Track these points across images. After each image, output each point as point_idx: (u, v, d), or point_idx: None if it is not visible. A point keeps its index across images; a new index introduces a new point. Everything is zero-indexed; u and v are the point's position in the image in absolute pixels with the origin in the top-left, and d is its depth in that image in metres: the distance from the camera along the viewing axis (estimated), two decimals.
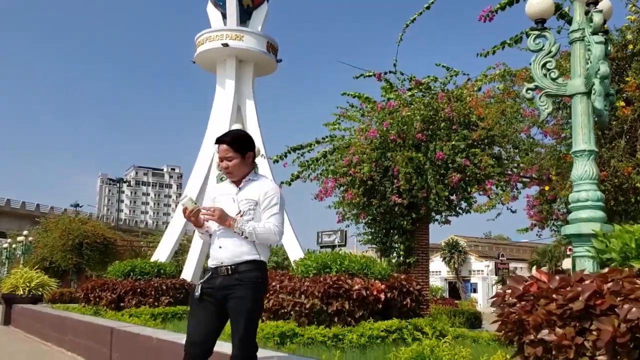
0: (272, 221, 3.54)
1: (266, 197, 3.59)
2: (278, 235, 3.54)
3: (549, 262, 47.99)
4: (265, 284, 3.69)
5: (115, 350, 6.40)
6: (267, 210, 3.57)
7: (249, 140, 3.78)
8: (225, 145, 3.70)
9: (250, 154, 3.72)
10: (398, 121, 10.84)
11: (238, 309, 3.44)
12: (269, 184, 3.72)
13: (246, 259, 3.50)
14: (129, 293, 11.23)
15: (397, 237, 12.00)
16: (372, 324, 7.40)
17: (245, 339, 3.46)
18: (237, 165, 3.68)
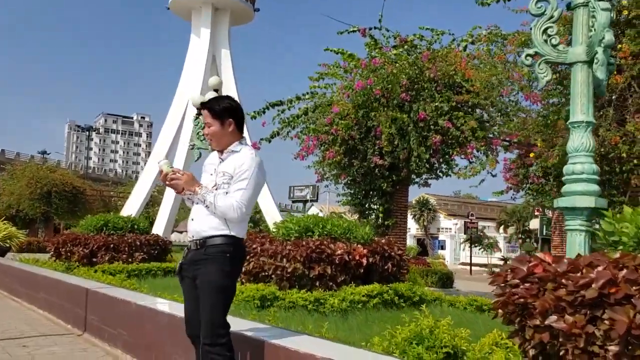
0: (235, 195, 3.20)
1: (239, 171, 3.25)
2: (237, 212, 3.19)
3: (516, 222, 48.90)
4: (237, 260, 3.33)
5: (91, 312, 6.19)
6: (235, 183, 3.24)
7: (230, 106, 3.40)
8: (206, 110, 3.42)
9: (231, 121, 3.35)
10: (383, 78, 10.57)
11: (202, 285, 3.21)
12: (246, 156, 3.31)
13: (213, 233, 3.24)
14: (101, 248, 10.97)
15: (377, 198, 11.89)
16: (354, 288, 7.32)
17: (210, 319, 3.18)
18: (216, 134, 3.37)
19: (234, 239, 3.28)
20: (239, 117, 3.41)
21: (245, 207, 3.23)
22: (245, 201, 3.22)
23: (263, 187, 3.48)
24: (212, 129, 3.38)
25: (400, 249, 8.36)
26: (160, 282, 9.86)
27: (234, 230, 3.28)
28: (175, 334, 4.46)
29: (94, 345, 5.79)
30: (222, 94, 11.72)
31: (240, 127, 3.43)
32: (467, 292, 16.68)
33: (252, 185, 3.26)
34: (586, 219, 5.33)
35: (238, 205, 3.19)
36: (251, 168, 3.25)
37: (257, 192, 3.33)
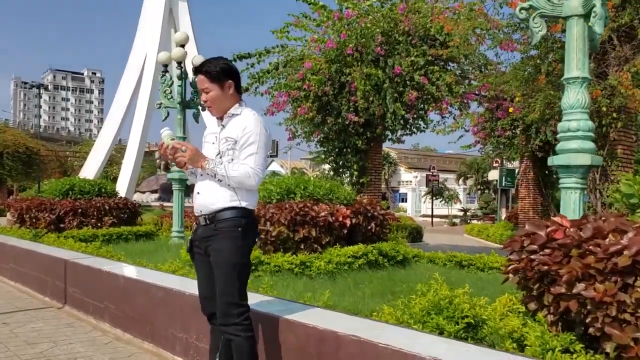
0: (248, 162, 3.00)
1: (244, 134, 3.03)
2: (254, 178, 3.00)
3: (475, 173, 49.70)
4: (250, 234, 3.13)
5: (71, 284, 5.92)
6: (244, 149, 3.03)
7: (228, 67, 3.17)
8: (202, 75, 3.17)
9: (230, 83, 3.12)
10: (357, 33, 10.28)
11: (216, 261, 3.03)
12: (249, 118, 3.10)
13: (223, 205, 3.03)
14: (69, 214, 10.55)
15: (351, 156, 11.74)
16: (339, 250, 7.23)
17: (225, 298, 3.01)
18: (216, 98, 3.14)
19: (246, 211, 3.09)
20: (237, 78, 3.19)
21: (262, 171, 3.05)
22: (260, 165, 3.03)
23: None
24: (211, 93, 3.14)
25: (383, 209, 8.26)
26: (134, 248, 9.59)
27: (245, 202, 3.08)
28: (171, 308, 4.28)
29: (79, 319, 5.54)
30: (186, 50, 11.26)
31: (239, 88, 3.21)
32: (436, 245, 16.93)
33: (263, 147, 3.06)
34: (581, 177, 5.30)
35: (254, 172, 3.00)
36: (257, 130, 3.05)
37: (267, 154, 3.15)
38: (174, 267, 6.02)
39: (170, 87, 10.91)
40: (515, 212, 19.74)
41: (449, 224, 40.27)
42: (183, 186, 10.97)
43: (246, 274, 3.14)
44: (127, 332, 4.86)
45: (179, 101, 10.69)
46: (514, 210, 20.65)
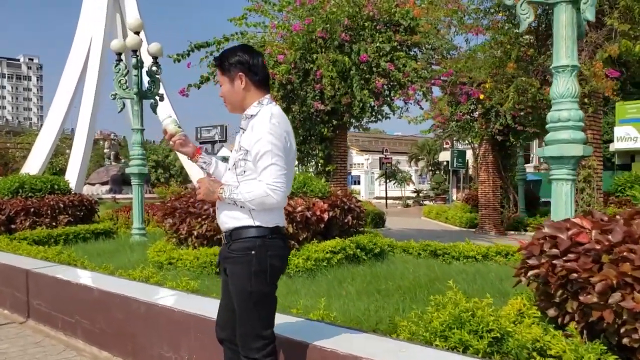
0: (264, 178, 2.56)
1: (256, 142, 2.58)
2: (275, 195, 2.54)
3: (427, 155, 50.33)
4: (268, 257, 2.66)
5: (34, 296, 5.44)
6: (258, 161, 2.59)
7: (241, 58, 2.71)
8: (217, 67, 2.81)
9: (241, 76, 2.69)
10: (322, 19, 9.94)
11: (231, 288, 2.71)
12: (261, 121, 2.63)
13: (235, 225, 2.68)
14: (20, 214, 9.90)
15: (316, 144, 11.46)
16: (317, 245, 7.00)
17: (243, 327, 2.68)
18: (226, 94, 2.76)
19: (262, 230, 2.66)
20: (253, 71, 2.72)
21: (283, 184, 2.57)
22: (280, 177, 2.56)
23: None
24: (222, 88, 2.78)
25: (359, 200, 8.04)
26: (94, 248, 9.11)
27: (260, 219, 2.66)
28: (155, 325, 3.93)
29: (47, 335, 5.09)
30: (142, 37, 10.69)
31: (259, 82, 2.74)
32: (398, 230, 16.95)
33: (280, 155, 2.58)
34: (572, 168, 5.19)
35: (273, 188, 2.54)
36: (269, 135, 2.56)
37: (289, 157, 2.67)
38: (147, 274, 5.63)
39: (125, 77, 10.35)
40: (473, 194, 19.93)
41: (403, 205, 40.64)
42: (142, 180, 10.48)
43: (268, 303, 2.73)
44: (105, 349, 4.48)
45: (135, 92, 10.16)
46: (471, 192, 20.85)
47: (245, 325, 2.67)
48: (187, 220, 7.14)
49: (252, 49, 2.86)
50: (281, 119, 2.68)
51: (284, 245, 2.77)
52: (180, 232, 7.23)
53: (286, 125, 2.70)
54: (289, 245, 2.93)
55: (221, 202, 2.72)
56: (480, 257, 7.99)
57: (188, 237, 7.18)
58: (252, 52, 2.78)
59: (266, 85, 2.80)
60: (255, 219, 2.66)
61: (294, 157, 2.77)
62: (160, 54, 10.65)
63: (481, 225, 15.85)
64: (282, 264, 2.78)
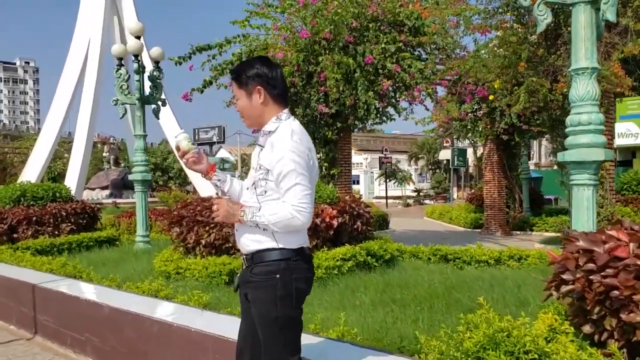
0: (288, 199, 2.42)
1: (277, 161, 2.44)
2: (300, 216, 2.40)
3: (427, 153, 50.19)
4: (294, 280, 2.52)
5: (41, 312, 5.30)
6: (281, 181, 2.45)
7: (259, 71, 2.57)
8: (233, 81, 2.67)
9: (259, 89, 2.55)
10: (327, 20, 9.79)
11: (254, 314, 2.57)
12: (281, 137, 2.49)
13: (257, 248, 2.55)
14: (22, 223, 9.74)
15: (319, 147, 11.31)
16: (327, 253, 6.86)
17: (268, 354, 2.55)
18: (243, 108, 2.63)
19: (285, 252, 2.52)
20: (272, 84, 2.59)
21: (308, 204, 2.43)
22: (305, 198, 2.42)
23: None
24: (239, 103, 2.65)
25: (368, 206, 7.89)
26: (98, 257, 8.95)
27: (284, 242, 2.52)
28: (170, 345, 3.78)
29: (57, 353, 4.93)
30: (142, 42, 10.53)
31: (278, 96, 2.62)
32: (402, 232, 16.81)
33: (303, 173, 2.44)
34: (594, 173, 5.06)
35: (298, 209, 2.40)
36: (290, 152, 2.43)
37: (312, 174, 2.53)
38: (156, 286, 5.48)
39: (126, 82, 10.19)
40: (476, 193, 19.79)
41: (403, 205, 40.48)
42: (146, 187, 10.32)
43: (294, 327, 2.61)
44: None
45: (137, 97, 10.00)
46: (474, 192, 20.70)
47: (271, 352, 2.53)
48: (195, 229, 6.99)
49: (270, 61, 2.71)
50: (302, 135, 2.55)
51: (308, 267, 2.64)
52: (187, 241, 7.08)
53: (308, 141, 2.58)
54: (314, 266, 2.69)
55: (242, 225, 2.58)
56: (493, 261, 7.85)
57: (196, 246, 7.03)
58: (271, 64, 2.65)
59: (285, 99, 2.68)
60: (278, 241, 2.53)
61: (316, 174, 2.64)
62: (162, 58, 10.50)
63: (487, 225, 15.71)
64: (308, 287, 2.64)
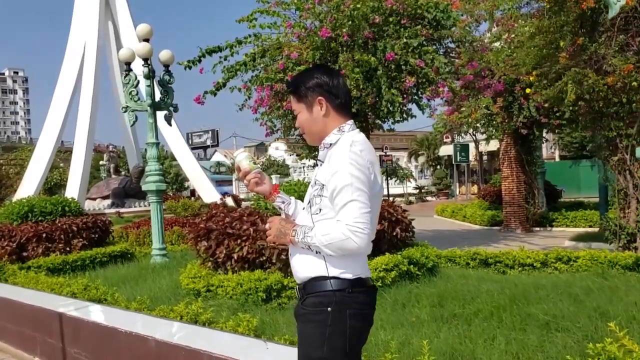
0: (343, 217, 2.09)
1: (333, 175, 2.15)
2: (356, 237, 2.05)
3: (427, 150, 49.69)
4: (348, 316, 2.15)
5: (72, 344, 4.78)
6: (336, 197, 2.14)
7: (320, 81, 2.31)
8: (290, 94, 2.44)
9: (321, 100, 2.29)
10: (347, 16, 9.30)
11: (299, 354, 2.25)
12: (340, 150, 2.21)
13: (308, 275, 2.24)
14: (32, 240, 9.22)
15: None
16: (368, 262, 6.34)
17: None
18: (304, 123, 2.36)
19: (340, 282, 2.17)
20: (334, 93, 2.31)
21: (366, 224, 2.08)
22: (363, 216, 2.08)
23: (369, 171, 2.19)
24: (299, 117, 2.38)
25: (405, 210, 7.42)
26: (115, 274, 8.46)
27: (338, 268, 2.17)
28: None
29: None
30: (147, 45, 10.00)
31: (341, 106, 2.32)
32: (419, 232, 16.32)
33: (361, 189, 2.11)
34: None
35: (353, 229, 2.05)
36: (347, 164, 2.12)
37: (373, 191, 2.19)
38: (194, 309, 4.99)
39: (136, 88, 9.68)
40: (489, 189, 19.36)
41: (405, 202, 39.99)
42: (160, 197, 9.82)
43: None
44: None
45: (149, 103, 9.49)
46: (487, 188, 20.24)
47: None
48: (226, 242, 6.50)
49: (330, 68, 2.46)
50: (364, 146, 2.24)
51: (368, 300, 2.27)
52: (217, 256, 6.58)
53: (370, 154, 2.25)
54: (375, 300, 2.33)
55: (295, 247, 2.30)
56: (539, 264, 7.41)
57: (226, 260, 6.54)
58: (332, 72, 2.39)
59: (348, 109, 2.39)
60: (332, 268, 2.19)
61: (379, 191, 2.29)
62: (172, 61, 10.02)
63: (506, 223, 15.26)
64: (366, 325, 2.28)
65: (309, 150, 11.25)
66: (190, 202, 18.30)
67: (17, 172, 34.45)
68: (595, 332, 4.15)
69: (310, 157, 11.37)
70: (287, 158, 69.75)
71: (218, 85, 10.39)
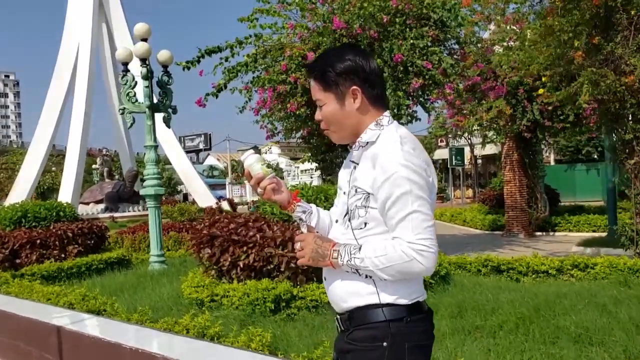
0: (402, 234, 1.71)
1: (382, 181, 1.74)
2: (422, 257, 1.69)
3: None
4: (403, 351, 1.79)
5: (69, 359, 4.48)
6: (389, 209, 1.74)
7: (354, 65, 1.85)
8: (312, 80, 1.93)
9: (355, 90, 1.83)
10: (354, 14, 9.03)
11: None
12: (386, 149, 1.78)
13: (356, 304, 1.84)
14: (25, 246, 8.87)
15: (342, 151, 10.55)
16: None
17: None
18: (332, 117, 1.88)
19: (396, 311, 1.80)
20: (370, 81, 1.86)
21: (432, 240, 1.72)
22: (427, 231, 1.71)
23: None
24: (325, 109, 1.89)
25: None
26: (112, 282, 8.15)
27: (391, 293, 1.80)
28: None
29: None
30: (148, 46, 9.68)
31: (377, 97, 1.89)
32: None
33: (422, 194, 1.73)
34: None
35: (418, 248, 1.68)
36: (402, 167, 1.72)
37: (431, 198, 1.80)
38: (201, 322, 4.70)
39: (133, 89, 9.36)
40: (489, 193, 19.13)
41: None
42: (159, 202, 9.51)
43: None
44: None
45: (147, 105, 9.18)
46: (487, 192, 20.00)
47: None
48: (231, 250, 6.19)
49: (363, 49, 2.00)
50: (415, 143, 1.83)
51: (428, 329, 1.90)
52: (221, 264, 6.27)
53: (423, 152, 1.84)
54: (434, 327, 1.95)
55: (332, 270, 1.87)
56: (554, 271, 7.15)
57: (232, 269, 6.23)
58: (366, 54, 1.91)
59: (385, 99, 1.95)
60: (384, 294, 1.80)
61: (435, 198, 1.86)
62: (171, 61, 9.71)
63: (509, 227, 15.02)
64: (427, 358, 1.89)
65: (312, 153, 10.95)
66: (186, 207, 17.99)
67: (9, 177, 34.02)
68: (634, 347, 3.89)
69: (313, 160, 11.06)
70: (281, 161, 69.48)
71: (219, 87, 10.09)
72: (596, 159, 32.35)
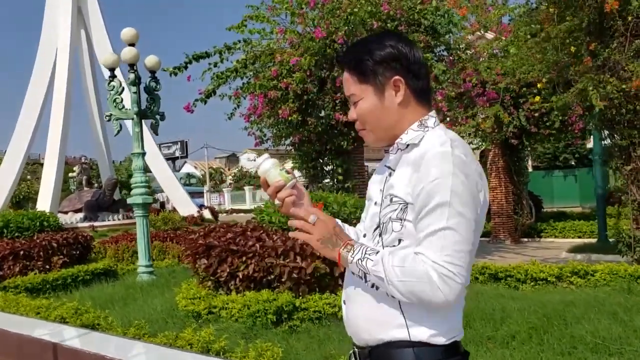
0: (429, 250, 1.41)
1: (422, 191, 1.46)
2: (445, 285, 1.38)
3: None
4: None
5: None
6: (423, 219, 1.45)
7: (396, 52, 1.58)
8: (345, 71, 1.66)
9: (397, 79, 1.57)
10: (343, 20, 8.94)
11: None
12: (432, 152, 1.49)
13: (382, 337, 1.54)
14: (8, 258, 8.56)
15: (332, 159, 10.42)
16: None
17: None
18: (369, 113, 1.61)
19: (430, 352, 1.50)
20: (414, 72, 1.59)
21: (462, 267, 1.41)
22: (459, 256, 1.41)
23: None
24: (361, 105, 1.62)
25: None
26: (101, 294, 7.86)
27: (424, 326, 1.50)
28: None
29: None
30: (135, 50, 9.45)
31: (422, 92, 1.62)
32: None
33: (464, 211, 1.44)
34: None
35: (443, 270, 1.38)
36: (450, 174, 1.44)
37: (479, 217, 1.51)
38: (204, 337, 4.52)
39: (120, 95, 9.12)
40: None
41: None
42: (147, 211, 9.26)
43: None
44: None
45: (135, 111, 8.94)
46: None
47: None
48: (229, 260, 6.01)
49: (405, 36, 1.76)
50: (467, 150, 1.54)
51: None
52: (219, 275, 6.08)
53: (474, 161, 1.54)
54: None
55: (355, 292, 1.60)
56: (554, 278, 7.08)
57: (230, 280, 6.05)
58: (408, 41, 1.65)
59: (429, 95, 1.68)
60: (415, 327, 1.51)
61: (484, 218, 1.58)
62: (158, 67, 9.49)
63: (495, 234, 15.02)
64: None
65: (302, 161, 10.77)
66: (170, 215, 17.67)
67: None
68: None
69: (303, 168, 10.89)
70: None
71: (208, 92, 9.90)
72: (573, 166, 32.71)
